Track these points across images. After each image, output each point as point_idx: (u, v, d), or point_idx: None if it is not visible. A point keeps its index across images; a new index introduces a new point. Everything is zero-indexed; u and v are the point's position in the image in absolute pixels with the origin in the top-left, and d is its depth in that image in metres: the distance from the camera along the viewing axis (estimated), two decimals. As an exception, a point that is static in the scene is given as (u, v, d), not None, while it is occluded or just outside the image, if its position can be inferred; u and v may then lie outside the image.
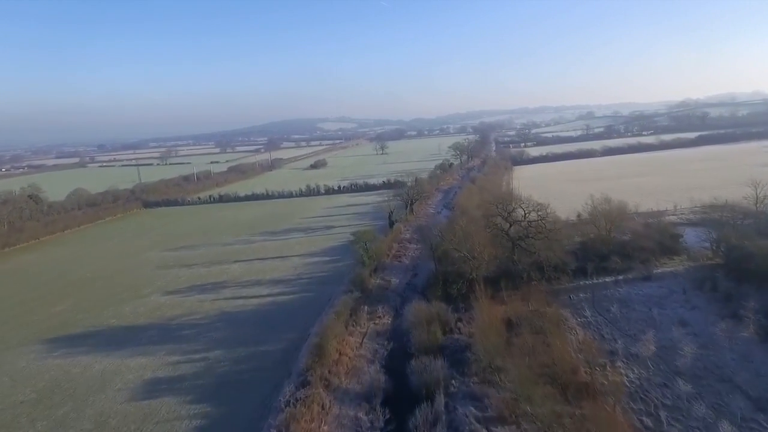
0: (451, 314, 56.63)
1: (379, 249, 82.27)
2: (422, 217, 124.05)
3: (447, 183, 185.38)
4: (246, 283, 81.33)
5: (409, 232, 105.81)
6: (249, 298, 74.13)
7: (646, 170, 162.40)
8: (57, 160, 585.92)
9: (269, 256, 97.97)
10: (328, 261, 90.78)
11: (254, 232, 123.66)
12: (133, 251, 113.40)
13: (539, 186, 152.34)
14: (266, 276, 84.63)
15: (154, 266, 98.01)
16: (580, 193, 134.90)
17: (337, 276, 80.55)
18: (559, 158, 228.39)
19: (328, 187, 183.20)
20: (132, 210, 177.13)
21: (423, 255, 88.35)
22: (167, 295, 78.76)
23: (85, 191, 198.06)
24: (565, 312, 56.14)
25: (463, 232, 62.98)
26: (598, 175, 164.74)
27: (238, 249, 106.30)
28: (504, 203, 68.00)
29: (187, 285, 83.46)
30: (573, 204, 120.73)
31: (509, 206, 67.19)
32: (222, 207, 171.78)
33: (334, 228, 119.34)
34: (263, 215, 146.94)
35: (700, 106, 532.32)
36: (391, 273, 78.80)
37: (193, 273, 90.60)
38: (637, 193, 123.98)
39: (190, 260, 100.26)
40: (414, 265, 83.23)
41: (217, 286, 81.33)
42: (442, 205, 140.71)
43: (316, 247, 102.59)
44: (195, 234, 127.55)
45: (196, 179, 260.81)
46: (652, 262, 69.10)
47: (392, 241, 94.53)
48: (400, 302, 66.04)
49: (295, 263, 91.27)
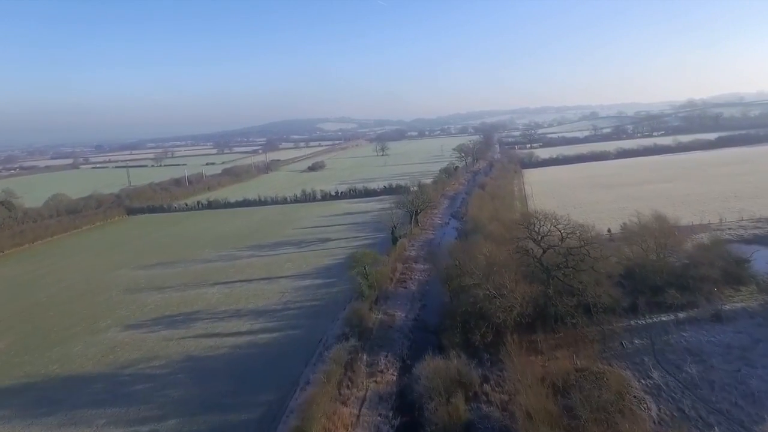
0: (474, 371, 43.79)
1: (380, 273, 69.53)
2: (428, 228, 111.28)
3: (453, 188, 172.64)
4: (222, 315, 68.46)
5: (414, 248, 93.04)
6: (223, 336, 61.26)
7: (670, 175, 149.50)
8: (50, 161, 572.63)
9: (254, 277, 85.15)
10: (321, 285, 77.93)
11: (241, 245, 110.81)
12: (102, 268, 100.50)
13: (554, 192, 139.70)
14: (248, 304, 71.79)
15: (121, 289, 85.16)
16: (603, 201, 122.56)
17: (331, 306, 67.80)
18: (570, 161, 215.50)
19: (324, 192, 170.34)
20: (114, 217, 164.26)
21: (432, 277, 75.99)
22: (128, 330, 65.90)
23: (66, 197, 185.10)
24: (624, 371, 43.24)
25: (487, 261, 50.10)
26: (616, 179, 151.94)
27: (220, 267, 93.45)
28: (534, 222, 55.06)
29: (153, 315, 70.61)
30: (598, 215, 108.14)
31: (541, 226, 54.28)
32: (210, 215, 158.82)
33: (329, 241, 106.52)
34: (253, 225, 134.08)
35: (708, 107, 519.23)
36: (396, 303, 65.91)
37: (164, 299, 77.74)
38: (668, 202, 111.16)
39: (163, 281, 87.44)
40: (422, 292, 70.45)
41: (189, 317, 68.46)
42: (450, 214, 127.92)
43: (308, 265, 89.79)
44: (175, 247, 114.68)
45: (187, 182, 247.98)
46: (716, 294, 56.38)
47: (396, 261, 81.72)
48: (408, 346, 53.29)
49: (282, 287, 78.44)
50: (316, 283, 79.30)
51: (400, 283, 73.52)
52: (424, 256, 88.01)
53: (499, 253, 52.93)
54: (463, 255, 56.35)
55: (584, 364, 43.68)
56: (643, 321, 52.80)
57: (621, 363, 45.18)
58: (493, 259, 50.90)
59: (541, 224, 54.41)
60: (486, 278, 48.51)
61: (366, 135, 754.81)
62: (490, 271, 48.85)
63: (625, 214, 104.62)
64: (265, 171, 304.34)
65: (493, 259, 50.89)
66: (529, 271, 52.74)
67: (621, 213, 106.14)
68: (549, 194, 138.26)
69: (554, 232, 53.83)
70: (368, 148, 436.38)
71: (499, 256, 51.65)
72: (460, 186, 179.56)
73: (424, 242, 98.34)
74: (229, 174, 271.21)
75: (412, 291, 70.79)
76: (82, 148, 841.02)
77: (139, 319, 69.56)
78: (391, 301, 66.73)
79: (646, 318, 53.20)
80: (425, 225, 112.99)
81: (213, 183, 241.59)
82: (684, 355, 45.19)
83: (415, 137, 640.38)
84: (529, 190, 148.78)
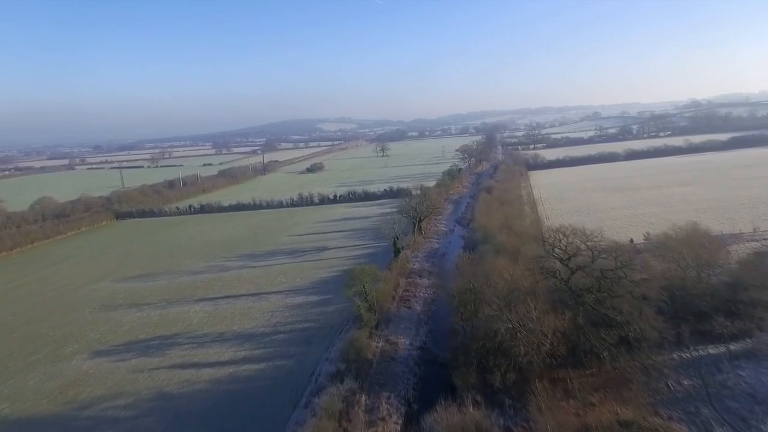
0: (495, 423, 36.12)
1: (381, 292, 61.83)
2: (432, 236, 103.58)
3: (456, 191, 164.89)
4: (203, 339, 60.83)
5: (418, 260, 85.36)
6: (202, 366, 53.61)
7: (686, 178, 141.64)
8: (46, 162, 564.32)
9: (242, 293, 77.51)
10: (315, 302, 70.27)
11: (231, 254, 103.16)
12: (81, 280, 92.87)
13: (564, 196, 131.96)
14: (232, 326, 64.15)
15: (97, 305, 77.51)
16: (618, 207, 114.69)
17: (326, 329, 60.17)
18: (577, 162, 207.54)
19: (322, 195, 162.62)
20: (101, 222, 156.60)
21: (438, 295, 68.45)
22: (96, 358, 58.28)
23: (52, 200, 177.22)
24: (677, 424, 35.56)
25: (507, 286, 42.40)
26: (629, 183, 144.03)
27: (207, 280, 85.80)
28: (560, 238, 47.33)
29: (127, 339, 62.96)
30: (614, 222, 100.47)
31: (569, 243, 46.56)
32: (202, 219, 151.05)
33: (326, 251, 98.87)
34: (245, 231, 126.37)
35: (713, 107, 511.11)
36: (399, 328, 58.22)
37: (141, 318, 70.08)
38: (689, 208, 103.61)
39: (143, 296, 79.81)
40: (428, 313, 62.81)
41: (166, 342, 60.84)
42: (455, 220, 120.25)
43: (302, 278, 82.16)
44: (161, 256, 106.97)
45: (181, 184, 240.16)
46: (769, 321, 48.65)
47: (398, 275, 74.01)
48: (414, 384, 45.66)
49: (272, 305, 70.79)
50: (310, 300, 71.63)
51: (404, 303, 65.81)
52: (430, 269, 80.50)
53: (521, 276, 45.02)
54: (477, 277, 48.48)
55: (628, 416, 35.98)
56: (688, 354, 45.13)
57: (671, 412, 37.57)
58: (515, 284, 43.14)
59: (569, 241, 46.66)
60: (507, 306, 40.79)
61: (366, 135, 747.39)
62: (512, 298, 41.18)
63: (645, 222, 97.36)
64: (263, 172, 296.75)
65: (514, 284, 43.14)
66: (555, 297, 45.01)
67: (640, 220, 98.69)
68: (559, 198, 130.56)
69: (583, 251, 46.07)
70: (368, 149, 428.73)
71: (522, 280, 43.79)
72: (464, 189, 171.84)
73: (429, 253, 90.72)
74: (224, 176, 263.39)
75: (416, 312, 63.09)
76: (81, 149, 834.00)
77: (111, 344, 61.92)
78: (394, 324, 59.04)
79: (692, 350, 45.54)
80: (429, 232, 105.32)
81: (208, 185, 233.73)
82: (748, 403, 37.54)
83: (415, 138, 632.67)
84: (538, 193, 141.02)
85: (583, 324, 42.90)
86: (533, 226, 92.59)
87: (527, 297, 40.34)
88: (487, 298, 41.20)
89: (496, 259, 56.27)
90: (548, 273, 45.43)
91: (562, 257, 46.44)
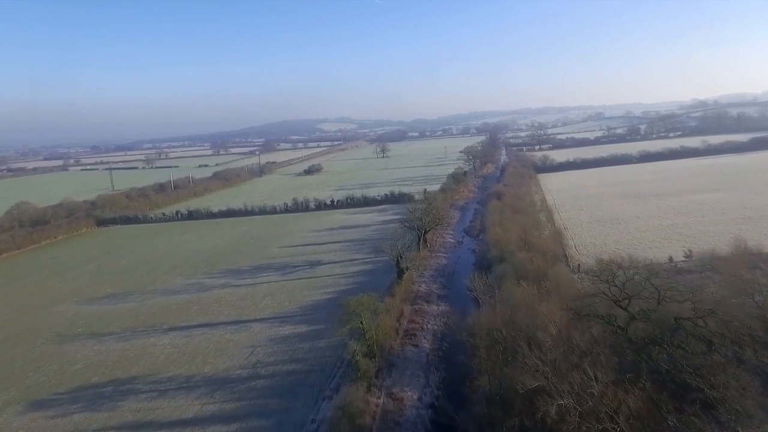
0: None
1: (383, 327, 51.17)
2: (439, 250, 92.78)
3: (462, 196, 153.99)
4: (167, 385, 50.11)
5: (424, 280, 74.60)
6: (159, 427, 42.89)
7: (713, 183, 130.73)
8: (40, 163, 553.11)
9: (221, 319, 66.79)
10: (304, 335, 59.52)
11: (214, 269, 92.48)
12: (41, 301, 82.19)
13: (581, 203, 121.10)
14: (204, 367, 53.42)
15: (52, 334, 66.80)
16: (643, 216, 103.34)
17: (316, 373, 49.48)
18: (588, 165, 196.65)
19: (319, 201, 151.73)
20: (81, 230, 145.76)
21: (449, 325, 57.87)
22: (31, 411, 47.59)
23: (31, 205, 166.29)
24: None
25: (553, 342, 31.62)
26: (649, 188, 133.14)
27: (183, 303, 75.05)
28: (613, 270, 36.52)
29: (75, 383, 52.24)
30: (644, 234, 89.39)
31: (628, 280, 35.73)
32: (188, 227, 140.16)
33: (320, 266, 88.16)
34: (233, 241, 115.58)
35: (720, 107, 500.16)
36: (404, 374, 47.44)
37: (99, 354, 59.35)
38: (724, 218, 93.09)
39: (107, 323, 69.10)
40: (439, 353, 51.96)
41: (121, 389, 50.11)
42: (463, 230, 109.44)
43: (291, 301, 71.44)
44: (137, 271, 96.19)
45: (172, 187, 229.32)
46: None
47: (402, 301, 63.21)
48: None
49: (255, 337, 60.09)
50: (299, 331, 60.87)
51: (409, 338, 54.99)
52: (438, 292, 69.75)
53: (565, 323, 34.18)
54: (501, 314, 37.64)
55: None
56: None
57: None
58: (564, 338, 32.34)
59: (627, 275, 35.84)
60: (554, 371, 29.96)
61: (366, 135, 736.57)
62: (560, 358, 30.38)
63: (679, 234, 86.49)
64: (259, 174, 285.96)
65: (562, 338, 32.34)
66: (610, 350, 34.15)
67: (673, 232, 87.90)
68: (576, 205, 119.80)
69: (647, 288, 35.26)
70: (368, 149, 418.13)
71: (575, 334, 32.86)
72: (470, 194, 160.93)
73: (436, 270, 79.96)
74: (218, 178, 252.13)
75: (425, 351, 52.29)
76: (78, 149, 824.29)
77: (55, 390, 51.19)
78: (398, 369, 48.26)
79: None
80: (435, 245, 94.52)
81: (200, 188, 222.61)
82: None
83: (416, 138, 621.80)
84: (551, 200, 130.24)
85: (651, 389, 32.02)
86: (554, 240, 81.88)
87: (584, 360, 29.54)
88: (530, 366, 30.20)
89: (521, 289, 45.75)
90: (601, 319, 34.60)
91: (619, 297, 35.62)
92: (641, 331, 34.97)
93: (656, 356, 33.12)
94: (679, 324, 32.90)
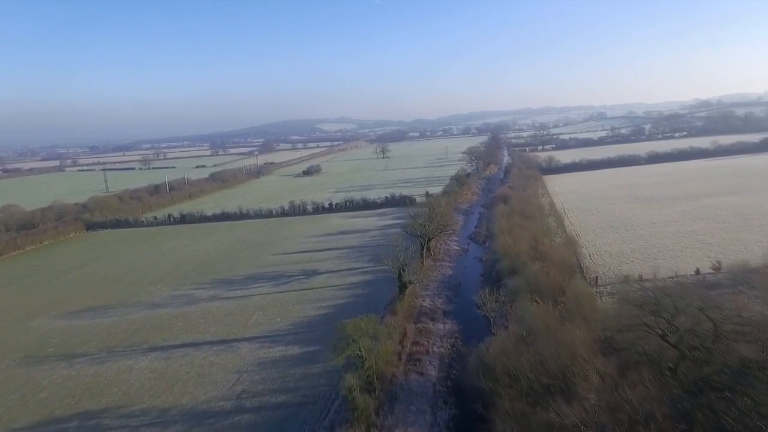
0: None
1: (384, 353, 45.21)
2: (444, 258, 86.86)
3: (466, 199, 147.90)
4: (140, 420, 44.16)
5: (429, 293, 68.64)
6: (123, 477, 37.00)
7: (729, 185, 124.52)
8: (36, 164, 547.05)
9: (206, 338, 60.87)
10: (297, 357, 53.58)
11: (203, 279, 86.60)
12: (15, 315, 76.20)
13: (591, 207, 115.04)
14: (182, 398, 47.44)
15: (19, 356, 60.82)
16: (659, 222, 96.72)
17: (307, 406, 43.53)
18: (595, 165, 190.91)
19: (316, 204, 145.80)
20: (69, 234, 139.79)
21: (457, 348, 52.12)
22: (-18, 452, 41.70)
23: (18, 208, 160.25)
24: None
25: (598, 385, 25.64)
26: (661, 191, 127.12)
27: (167, 318, 69.13)
28: (660, 299, 30.56)
29: (37, 417, 46.26)
30: (662, 241, 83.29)
31: (677, 312, 29.75)
32: (180, 231, 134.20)
33: (316, 276, 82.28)
34: (226, 248, 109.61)
35: (724, 106, 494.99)
36: (408, 411, 41.42)
37: (68, 379, 53.39)
38: (747, 224, 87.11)
39: (82, 341, 63.17)
40: (447, 383, 45.89)
41: (87, 425, 44.19)
42: (467, 237, 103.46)
43: (283, 317, 65.53)
44: (121, 281, 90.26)
45: (167, 189, 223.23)
46: None
47: (405, 320, 57.25)
48: None
49: (241, 360, 54.15)
50: (291, 353, 54.95)
51: (413, 364, 48.97)
52: (444, 308, 63.79)
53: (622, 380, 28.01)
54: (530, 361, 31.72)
55: None
56: None
57: None
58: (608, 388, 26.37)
59: (677, 306, 29.89)
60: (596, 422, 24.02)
61: (366, 136, 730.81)
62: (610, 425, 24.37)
63: (701, 243, 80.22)
64: (257, 175, 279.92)
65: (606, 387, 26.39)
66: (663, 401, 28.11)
67: (694, 240, 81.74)
68: (585, 210, 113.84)
69: (702, 321, 29.32)
70: (368, 150, 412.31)
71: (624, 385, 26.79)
72: (474, 197, 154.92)
73: (441, 282, 73.99)
74: (215, 179, 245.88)
75: (431, 380, 46.25)
76: (77, 150, 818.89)
77: (11, 426, 45.22)
78: (401, 404, 42.24)
79: None
80: (439, 253, 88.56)
81: (195, 190, 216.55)
82: None
83: (416, 138, 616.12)
84: (560, 203, 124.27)
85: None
86: (567, 248, 75.90)
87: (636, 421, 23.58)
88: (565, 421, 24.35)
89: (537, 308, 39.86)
90: (648, 358, 28.65)
91: (666, 331, 29.66)
92: (694, 373, 29.01)
93: (716, 406, 27.16)
94: (746, 365, 27.04)
